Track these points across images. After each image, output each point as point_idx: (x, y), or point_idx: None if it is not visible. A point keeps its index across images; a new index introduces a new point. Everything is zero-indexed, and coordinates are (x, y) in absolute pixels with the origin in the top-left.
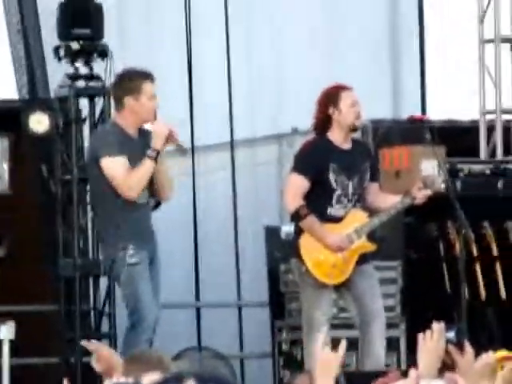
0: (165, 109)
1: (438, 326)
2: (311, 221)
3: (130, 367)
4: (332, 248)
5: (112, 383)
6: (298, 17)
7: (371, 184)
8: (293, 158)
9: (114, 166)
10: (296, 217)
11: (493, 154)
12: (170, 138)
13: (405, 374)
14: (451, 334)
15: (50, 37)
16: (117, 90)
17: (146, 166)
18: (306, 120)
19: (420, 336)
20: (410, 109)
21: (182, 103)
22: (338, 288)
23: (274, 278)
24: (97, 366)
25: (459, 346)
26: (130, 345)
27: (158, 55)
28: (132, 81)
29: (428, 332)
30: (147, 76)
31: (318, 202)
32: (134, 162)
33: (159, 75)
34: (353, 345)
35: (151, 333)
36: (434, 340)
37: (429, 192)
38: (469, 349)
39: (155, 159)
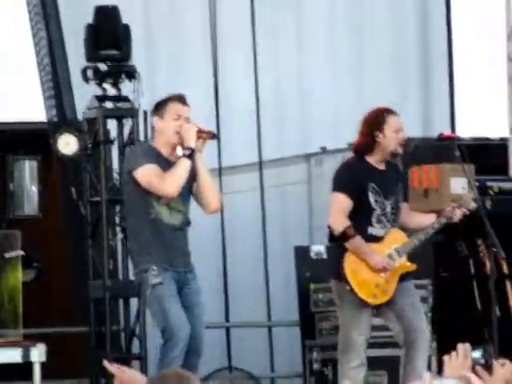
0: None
1: (462, 346)
2: (358, 241)
3: None
4: (376, 268)
5: None
6: (325, 36)
7: (402, 204)
8: (333, 177)
9: (148, 172)
10: (343, 237)
11: None
12: (200, 134)
13: None
14: (477, 354)
15: (76, 58)
16: (151, 114)
17: (181, 164)
18: (333, 139)
19: (445, 357)
20: (439, 127)
21: (209, 124)
22: (378, 307)
23: (304, 297)
24: None
25: (487, 366)
26: (162, 362)
27: (185, 76)
28: (161, 103)
29: (453, 353)
30: (175, 97)
31: (358, 221)
32: None
33: (186, 95)
34: (384, 363)
35: (183, 349)
36: (458, 360)
37: (465, 211)
38: (498, 369)
39: (189, 157)
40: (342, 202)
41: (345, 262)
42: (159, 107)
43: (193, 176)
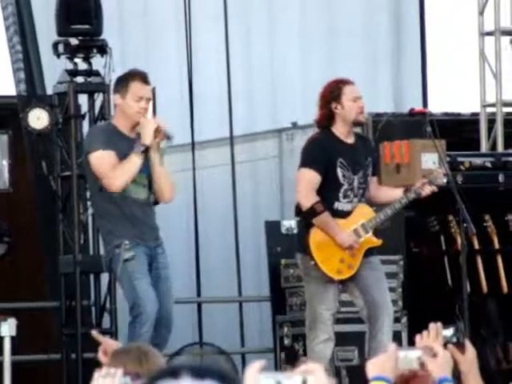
0: (164, 105)
1: (434, 326)
2: (326, 217)
3: (113, 360)
4: (343, 246)
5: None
6: (296, 11)
7: (372, 177)
8: (300, 152)
9: (100, 161)
10: (311, 213)
11: (493, 146)
12: (157, 132)
13: None
14: (449, 333)
15: (47, 33)
16: (113, 89)
17: (132, 161)
18: (304, 114)
19: (417, 336)
20: (410, 102)
21: (182, 99)
22: (344, 282)
23: (274, 272)
24: (104, 359)
25: (459, 344)
26: (131, 338)
27: (157, 51)
28: (122, 80)
29: (424, 332)
30: (138, 76)
31: (325, 196)
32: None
33: (158, 71)
34: (355, 339)
35: (151, 325)
36: (430, 339)
37: (434, 188)
38: (470, 347)
39: (140, 154)
40: (310, 178)
41: (310, 236)
42: (120, 85)
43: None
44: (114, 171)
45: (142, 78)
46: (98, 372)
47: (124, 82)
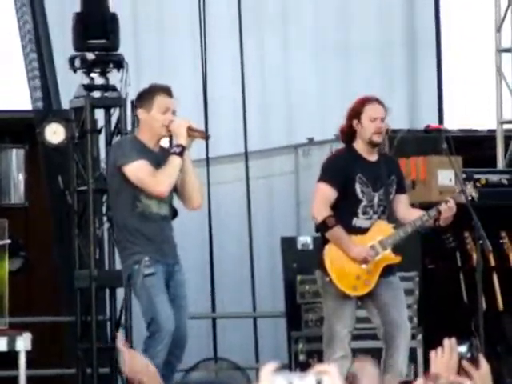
0: None
1: (448, 342)
2: (338, 232)
3: None
4: (357, 260)
5: None
6: (311, 27)
7: (400, 196)
8: (320, 167)
9: (139, 169)
10: (323, 227)
11: (510, 163)
12: (190, 131)
13: None
14: (464, 349)
15: (63, 47)
16: (135, 104)
17: (172, 163)
18: (320, 130)
19: (432, 353)
20: (426, 119)
21: (197, 114)
22: (362, 299)
23: (290, 289)
24: (127, 371)
25: (473, 360)
26: (146, 355)
27: (173, 67)
28: (146, 94)
29: (439, 348)
30: (162, 89)
31: (343, 212)
32: None
33: (174, 86)
34: (371, 355)
35: (168, 343)
36: (445, 356)
37: (454, 205)
38: (483, 363)
39: (180, 155)
40: (325, 192)
41: (325, 252)
42: (145, 99)
43: None
44: (156, 177)
45: (167, 91)
46: None
47: (149, 95)
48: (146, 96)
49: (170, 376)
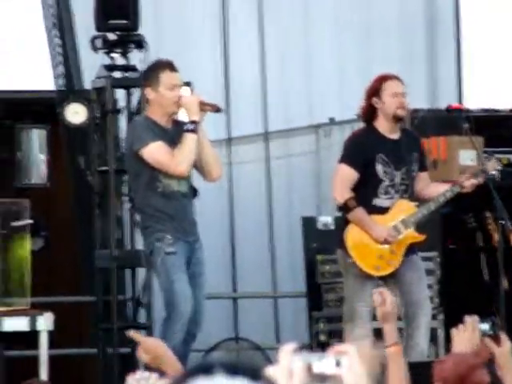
0: None
1: (470, 319)
2: (359, 213)
3: None
4: (379, 241)
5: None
6: (331, 7)
7: (420, 173)
8: (342, 147)
9: (156, 151)
10: (344, 208)
11: None
12: (202, 105)
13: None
14: (486, 327)
15: (86, 28)
16: (142, 84)
17: (188, 140)
18: (341, 110)
19: (453, 330)
20: (446, 98)
21: (218, 94)
22: (384, 279)
23: (310, 268)
24: (144, 357)
25: (495, 337)
26: (164, 335)
27: (193, 48)
28: (150, 72)
29: (461, 325)
30: (165, 66)
31: (364, 192)
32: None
33: (194, 66)
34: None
35: (185, 323)
36: (467, 333)
37: (477, 181)
38: (506, 340)
39: (195, 131)
40: (346, 173)
41: (347, 233)
42: (150, 77)
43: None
44: (174, 158)
45: (170, 66)
46: (132, 376)
47: (153, 73)
48: (150, 74)
49: (185, 355)
